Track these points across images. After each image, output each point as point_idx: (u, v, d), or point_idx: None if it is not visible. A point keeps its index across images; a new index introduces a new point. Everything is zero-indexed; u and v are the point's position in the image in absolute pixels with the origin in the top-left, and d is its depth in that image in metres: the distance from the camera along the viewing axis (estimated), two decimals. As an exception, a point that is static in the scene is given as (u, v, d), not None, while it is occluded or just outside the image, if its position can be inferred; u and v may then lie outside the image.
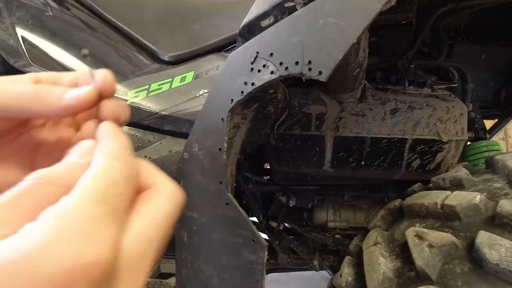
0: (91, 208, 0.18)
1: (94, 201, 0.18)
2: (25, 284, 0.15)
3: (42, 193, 0.19)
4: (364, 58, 0.55)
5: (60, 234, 0.16)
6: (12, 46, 0.79)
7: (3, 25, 0.80)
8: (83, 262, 0.16)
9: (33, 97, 0.25)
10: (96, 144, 0.23)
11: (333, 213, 0.99)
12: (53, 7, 0.87)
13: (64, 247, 0.16)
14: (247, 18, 0.44)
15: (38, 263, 0.15)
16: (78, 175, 0.20)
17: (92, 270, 0.16)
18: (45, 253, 0.15)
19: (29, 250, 0.15)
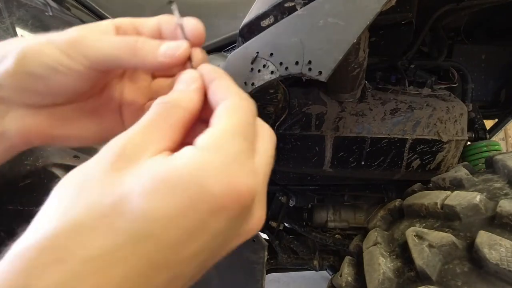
0: (237, 142, 0.21)
1: (237, 135, 0.21)
2: (189, 197, 0.18)
3: (173, 115, 0.22)
4: (364, 58, 0.55)
5: (217, 162, 0.19)
6: (12, 46, 0.79)
7: (3, 25, 0.80)
8: (237, 189, 0.19)
9: (130, 52, 0.25)
10: (207, 78, 0.25)
11: (333, 213, 0.99)
12: (53, 7, 0.87)
13: (222, 174, 0.19)
14: (247, 18, 0.44)
15: (201, 182, 0.18)
16: (194, 100, 0.23)
17: (243, 197, 0.19)
18: (207, 176, 0.18)
19: (194, 170, 0.18)
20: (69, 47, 0.25)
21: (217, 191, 0.18)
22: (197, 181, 0.18)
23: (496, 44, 0.90)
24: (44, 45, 0.25)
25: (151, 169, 0.18)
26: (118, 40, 0.25)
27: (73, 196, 0.18)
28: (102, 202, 0.17)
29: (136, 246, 0.17)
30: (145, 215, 0.17)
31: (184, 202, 0.18)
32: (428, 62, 0.82)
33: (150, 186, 0.18)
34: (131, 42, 0.26)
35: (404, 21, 0.63)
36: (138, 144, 0.20)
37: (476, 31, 0.92)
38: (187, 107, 0.23)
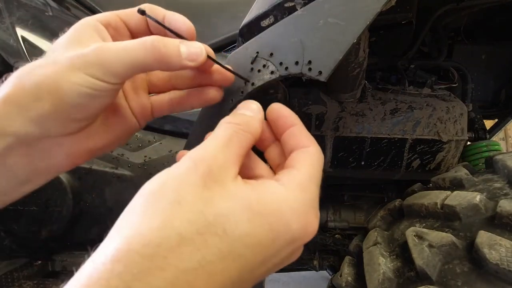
0: (314, 188, 0.24)
1: (315, 182, 0.24)
2: (276, 230, 0.21)
3: (245, 140, 0.24)
4: (364, 58, 0.55)
5: (300, 203, 0.22)
6: (12, 46, 0.79)
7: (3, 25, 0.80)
8: (309, 229, 0.23)
9: (155, 57, 0.26)
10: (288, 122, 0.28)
11: (333, 213, 0.99)
12: (53, 7, 0.87)
13: (302, 214, 0.22)
14: (247, 18, 0.44)
15: (287, 219, 0.21)
16: (260, 130, 0.26)
17: (310, 235, 0.23)
18: (292, 214, 0.22)
19: (283, 207, 0.21)
20: (93, 67, 0.25)
21: (296, 228, 0.22)
22: (284, 217, 0.21)
23: (496, 44, 0.90)
24: (72, 74, 0.24)
25: (244, 197, 0.21)
26: (137, 47, 0.26)
27: (172, 209, 0.19)
28: (200, 219, 0.19)
29: (224, 264, 0.19)
30: (239, 239, 0.20)
31: (272, 235, 0.21)
32: (428, 62, 0.82)
33: (245, 215, 0.20)
34: (150, 46, 0.26)
35: (404, 21, 0.63)
36: (221, 164, 0.22)
37: (476, 31, 0.92)
38: (255, 134, 0.26)
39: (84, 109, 0.26)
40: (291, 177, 0.24)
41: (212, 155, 0.22)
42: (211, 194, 0.20)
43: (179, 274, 0.18)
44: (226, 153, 0.23)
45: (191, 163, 0.21)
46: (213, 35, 0.85)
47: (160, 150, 0.86)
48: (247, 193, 0.21)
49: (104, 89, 0.25)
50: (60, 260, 0.86)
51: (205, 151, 0.22)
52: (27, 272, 0.80)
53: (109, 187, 0.83)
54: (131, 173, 0.84)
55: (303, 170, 0.24)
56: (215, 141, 0.23)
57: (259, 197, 0.21)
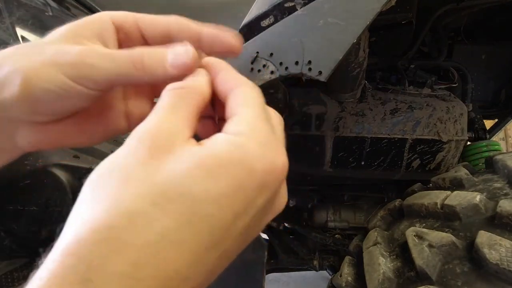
0: (264, 124, 0.22)
1: (262, 118, 0.23)
2: (238, 179, 0.19)
3: (192, 101, 0.23)
4: (364, 58, 0.55)
5: (256, 144, 0.21)
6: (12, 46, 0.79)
7: (3, 25, 0.80)
8: (276, 166, 0.21)
9: (137, 68, 0.25)
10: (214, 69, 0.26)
11: (333, 213, 0.99)
12: (53, 7, 0.87)
13: (262, 154, 0.20)
14: (247, 18, 0.44)
15: (246, 163, 0.20)
16: (208, 87, 0.24)
17: (281, 172, 0.21)
18: (251, 157, 0.20)
19: (238, 153, 0.20)
20: (72, 70, 0.24)
21: (261, 169, 0.20)
22: (243, 163, 0.20)
23: (496, 44, 0.90)
24: (48, 69, 0.24)
25: (194, 156, 0.19)
26: (123, 58, 0.25)
27: (119, 187, 0.18)
28: (151, 190, 0.18)
29: (191, 229, 0.18)
30: (198, 199, 0.18)
31: (235, 183, 0.19)
32: (428, 62, 0.82)
33: (199, 172, 0.19)
34: (137, 58, 0.25)
35: (404, 21, 0.63)
36: (167, 132, 0.20)
37: (476, 31, 0.92)
38: (202, 93, 0.24)
39: (54, 106, 0.25)
40: (236, 123, 0.22)
41: (155, 125, 0.20)
42: (158, 162, 0.19)
43: (140, 252, 0.16)
44: (171, 119, 0.21)
45: (135, 140, 0.20)
46: (213, 35, 0.85)
47: (160, 150, 0.86)
48: (197, 151, 0.20)
49: (77, 92, 0.24)
50: (60, 260, 0.86)
51: (148, 124, 0.20)
52: (27, 272, 0.80)
53: (109, 187, 0.83)
54: (131, 173, 0.84)
55: (245, 112, 0.23)
56: (159, 111, 0.21)
57: (211, 151, 0.20)
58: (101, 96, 0.28)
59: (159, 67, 0.25)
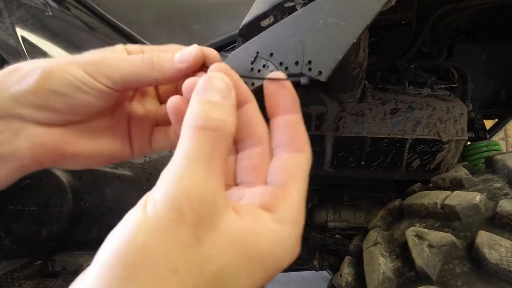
0: (303, 213, 0.23)
1: (303, 204, 0.23)
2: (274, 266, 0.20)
3: (222, 148, 0.20)
4: (364, 58, 0.55)
5: (293, 239, 0.21)
6: (12, 46, 0.79)
7: (3, 25, 0.80)
8: (294, 256, 0.21)
9: (149, 66, 0.27)
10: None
11: (333, 213, 0.99)
12: (53, 7, 0.87)
13: (293, 248, 0.21)
14: (247, 18, 0.44)
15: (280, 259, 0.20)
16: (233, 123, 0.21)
17: (284, 266, 0.21)
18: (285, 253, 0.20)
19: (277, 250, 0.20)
20: (92, 67, 0.26)
21: (287, 262, 0.21)
22: (279, 257, 0.20)
23: (496, 44, 0.90)
24: (69, 65, 0.25)
25: (239, 241, 0.18)
26: (136, 58, 0.27)
27: (168, 280, 0.16)
28: (200, 283, 0.17)
29: None
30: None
31: (267, 276, 0.20)
32: (428, 62, 0.82)
33: (244, 266, 0.18)
34: (148, 57, 0.27)
35: (404, 21, 0.63)
36: (210, 200, 0.18)
37: (476, 31, 0.92)
38: (232, 133, 0.21)
39: (67, 101, 0.26)
40: (287, 208, 0.21)
41: (197, 193, 0.17)
42: (205, 249, 0.17)
43: None
44: (211, 179, 0.18)
45: (172, 211, 0.17)
46: (213, 35, 0.85)
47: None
48: (241, 235, 0.19)
49: (93, 87, 0.26)
50: (60, 260, 0.86)
51: (184, 183, 0.17)
52: (27, 272, 0.80)
53: (109, 187, 0.83)
54: (131, 173, 0.84)
55: (297, 196, 0.22)
56: (193, 164, 0.18)
57: (255, 239, 0.19)
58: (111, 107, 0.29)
59: (167, 63, 0.27)
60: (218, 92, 0.21)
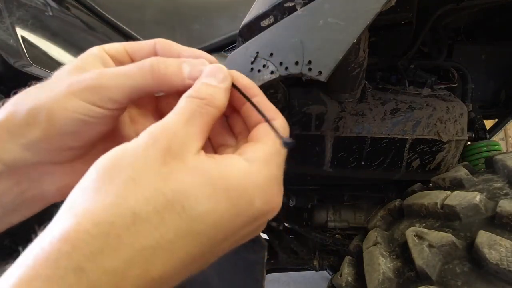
0: (279, 162, 0.24)
1: (281, 156, 0.24)
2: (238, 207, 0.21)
3: (208, 114, 0.23)
4: (364, 58, 0.55)
5: (263, 179, 0.22)
6: (12, 46, 0.79)
7: (3, 25, 0.80)
8: (272, 207, 0.23)
9: (154, 78, 0.25)
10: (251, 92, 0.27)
11: (333, 213, 0.99)
12: (53, 7, 0.87)
13: (266, 191, 0.22)
14: (247, 18, 0.44)
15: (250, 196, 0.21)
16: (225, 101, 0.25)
17: (273, 213, 0.23)
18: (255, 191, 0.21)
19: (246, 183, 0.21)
20: (92, 94, 0.24)
21: (259, 205, 0.22)
22: (247, 194, 0.21)
23: (496, 44, 0.90)
24: (67, 100, 0.24)
25: (204, 172, 0.20)
26: (135, 71, 0.25)
27: (128, 186, 0.19)
28: (158, 198, 0.19)
29: (185, 242, 0.19)
30: (198, 216, 0.19)
31: (233, 211, 0.21)
32: (428, 62, 0.82)
33: (205, 190, 0.20)
34: (149, 67, 0.25)
35: (404, 21, 0.63)
36: (182, 140, 0.21)
37: (476, 31, 0.92)
38: (220, 108, 0.24)
39: (78, 137, 0.25)
40: (256, 152, 0.23)
41: (172, 131, 0.21)
42: (169, 170, 0.20)
43: (135, 254, 0.17)
44: (187, 129, 0.22)
45: (149, 139, 0.20)
46: (213, 35, 0.85)
47: (160, 150, 0.86)
48: (208, 167, 0.21)
49: (100, 115, 0.24)
50: (60, 260, 0.86)
51: (165, 127, 0.21)
52: (27, 272, 0.80)
53: (109, 187, 0.83)
54: (131, 173, 0.84)
55: (269, 143, 0.24)
56: (176, 117, 0.22)
57: (221, 171, 0.21)
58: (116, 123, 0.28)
59: (176, 77, 0.25)
60: (215, 78, 0.25)
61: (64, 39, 0.86)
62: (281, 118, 0.27)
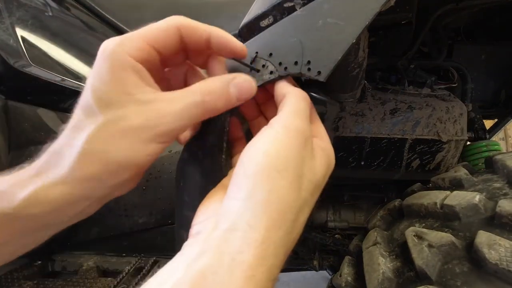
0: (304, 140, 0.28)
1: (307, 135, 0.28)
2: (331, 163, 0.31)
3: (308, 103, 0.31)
4: (364, 58, 0.55)
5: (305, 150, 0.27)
6: (12, 46, 0.79)
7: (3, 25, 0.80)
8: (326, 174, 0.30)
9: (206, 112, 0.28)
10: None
11: (333, 213, 0.99)
12: (53, 7, 0.87)
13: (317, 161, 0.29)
14: (246, 18, 0.44)
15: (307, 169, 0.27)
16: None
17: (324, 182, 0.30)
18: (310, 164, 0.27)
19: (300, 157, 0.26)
20: (158, 137, 0.26)
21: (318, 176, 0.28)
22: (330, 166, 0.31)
23: (496, 44, 0.90)
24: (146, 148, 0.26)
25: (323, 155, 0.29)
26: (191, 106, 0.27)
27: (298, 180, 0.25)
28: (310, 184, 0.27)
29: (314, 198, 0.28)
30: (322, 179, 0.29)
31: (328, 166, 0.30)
32: (428, 62, 0.82)
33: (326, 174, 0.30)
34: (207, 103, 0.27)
35: (404, 21, 0.63)
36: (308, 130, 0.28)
37: (476, 31, 0.92)
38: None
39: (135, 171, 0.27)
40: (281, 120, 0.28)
41: (309, 130, 0.28)
42: (314, 165, 0.27)
43: (301, 225, 0.26)
44: (309, 126, 0.28)
45: (302, 139, 0.26)
46: (213, 35, 0.85)
47: (160, 150, 0.86)
48: (324, 157, 0.29)
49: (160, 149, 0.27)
50: (60, 260, 0.86)
51: (303, 124, 0.27)
52: (27, 272, 0.80)
53: (109, 187, 0.83)
54: (131, 173, 0.84)
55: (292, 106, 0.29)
56: (303, 114, 0.28)
57: (328, 155, 0.30)
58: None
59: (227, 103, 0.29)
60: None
61: (64, 39, 0.86)
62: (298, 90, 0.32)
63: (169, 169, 0.83)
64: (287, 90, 0.31)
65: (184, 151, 0.41)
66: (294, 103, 0.29)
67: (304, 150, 0.26)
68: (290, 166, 0.24)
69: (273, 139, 0.25)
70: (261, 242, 0.21)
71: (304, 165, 0.26)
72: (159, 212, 0.84)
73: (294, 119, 0.27)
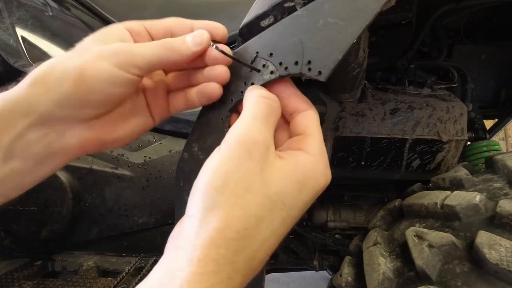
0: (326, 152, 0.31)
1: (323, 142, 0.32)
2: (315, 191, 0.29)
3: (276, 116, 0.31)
4: (364, 58, 0.55)
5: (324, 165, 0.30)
6: (12, 46, 0.79)
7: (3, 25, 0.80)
8: (328, 181, 0.30)
9: (169, 50, 0.31)
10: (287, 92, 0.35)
11: (333, 213, 0.99)
12: (53, 7, 0.87)
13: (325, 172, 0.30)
14: (246, 18, 0.44)
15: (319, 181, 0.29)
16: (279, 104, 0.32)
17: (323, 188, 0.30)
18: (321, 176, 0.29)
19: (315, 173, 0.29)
20: (121, 60, 0.29)
21: (323, 183, 0.30)
22: (317, 179, 0.29)
23: (496, 44, 0.90)
24: (99, 62, 0.29)
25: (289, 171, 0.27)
26: (157, 44, 0.31)
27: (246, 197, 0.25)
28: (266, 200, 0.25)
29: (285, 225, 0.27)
30: (293, 206, 0.27)
31: (312, 194, 0.29)
32: (428, 62, 0.82)
33: (295, 187, 0.27)
34: (167, 41, 0.32)
35: (404, 21, 0.63)
36: (268, 146, 0.27)
37: (476, 31, 0.92)
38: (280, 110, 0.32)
39: (102, 95, 0.29)
40: (312, 145, 0.30)
41: (261, 138, 0.27)
42: (268, 177, 0.26)
43: (261, 244, 0.25)
44: (268, 132, 0.28)
45: (244, 151, 0.26)
46: (213, 35, 0.85)
47: (160, 150, 0.86)
48: (291, 168, 0.27)
49: (124, 79, 0.29)
50: (60, 260, 0.86)
51: (251, 132, 0.27)
52: (27, 272, 0.80)
53: (109, 187, 0.83)
54: (131, 173, 0.84)
55: (316, 134, 0.31)
56: (257, 121, 0.28)
57: (299, 169, 0.28)
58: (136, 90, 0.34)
59: (183, 46, 0.31)
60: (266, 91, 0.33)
61: (64, 39, 0.86)
62: (313, 108, 0.33)
63: (169, 169, 0.83)
64: (250, 94, 0.32)
65: (184, 151, 0.41)
66: (252, 107, 0.29)
67: (250, 162, 0.25)
68: (230, 182, 0.25)
69: (217, 153, 0.27)
70: (198, 259, 0.22)
71: (252, 178, 0.25)
72: (159, 212, 0.84)
73: (243, 128, 0.27)
